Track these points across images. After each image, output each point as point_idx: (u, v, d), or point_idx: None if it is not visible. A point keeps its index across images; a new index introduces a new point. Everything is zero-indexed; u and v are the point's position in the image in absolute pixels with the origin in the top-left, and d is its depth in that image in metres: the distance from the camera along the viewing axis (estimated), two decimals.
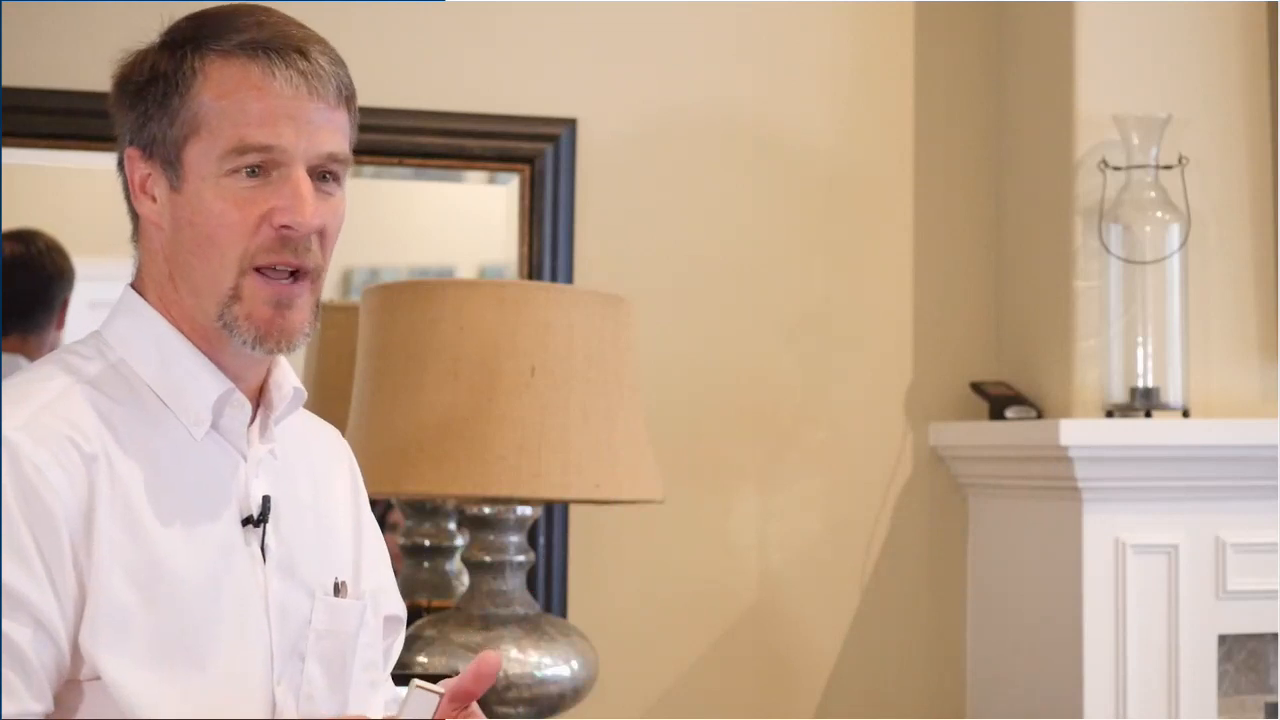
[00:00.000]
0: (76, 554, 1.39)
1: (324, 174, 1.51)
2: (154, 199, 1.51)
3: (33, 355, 2.94)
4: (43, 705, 1.38)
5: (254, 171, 1.47)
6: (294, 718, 1.51)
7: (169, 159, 1.49)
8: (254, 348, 1.49)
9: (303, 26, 1.53)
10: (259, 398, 1.56)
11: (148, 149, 1.50)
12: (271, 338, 1.49)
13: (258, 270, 1.48)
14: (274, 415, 1.57)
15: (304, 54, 1.49)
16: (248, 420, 1.54)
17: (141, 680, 1.41)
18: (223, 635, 1.46)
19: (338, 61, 1.52)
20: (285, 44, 1.49)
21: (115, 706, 1.40)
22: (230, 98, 1.47)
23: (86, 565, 1.39)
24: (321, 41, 1.52)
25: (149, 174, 1.51)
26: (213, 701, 1.45)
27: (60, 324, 3.00)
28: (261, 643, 1.50)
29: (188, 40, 1.50)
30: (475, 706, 1.50)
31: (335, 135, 1.51)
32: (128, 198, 1.55)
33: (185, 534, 1.46)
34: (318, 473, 1.66)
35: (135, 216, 1.55)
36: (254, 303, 1.48)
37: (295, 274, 1.50)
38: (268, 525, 1.53)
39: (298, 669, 1.53)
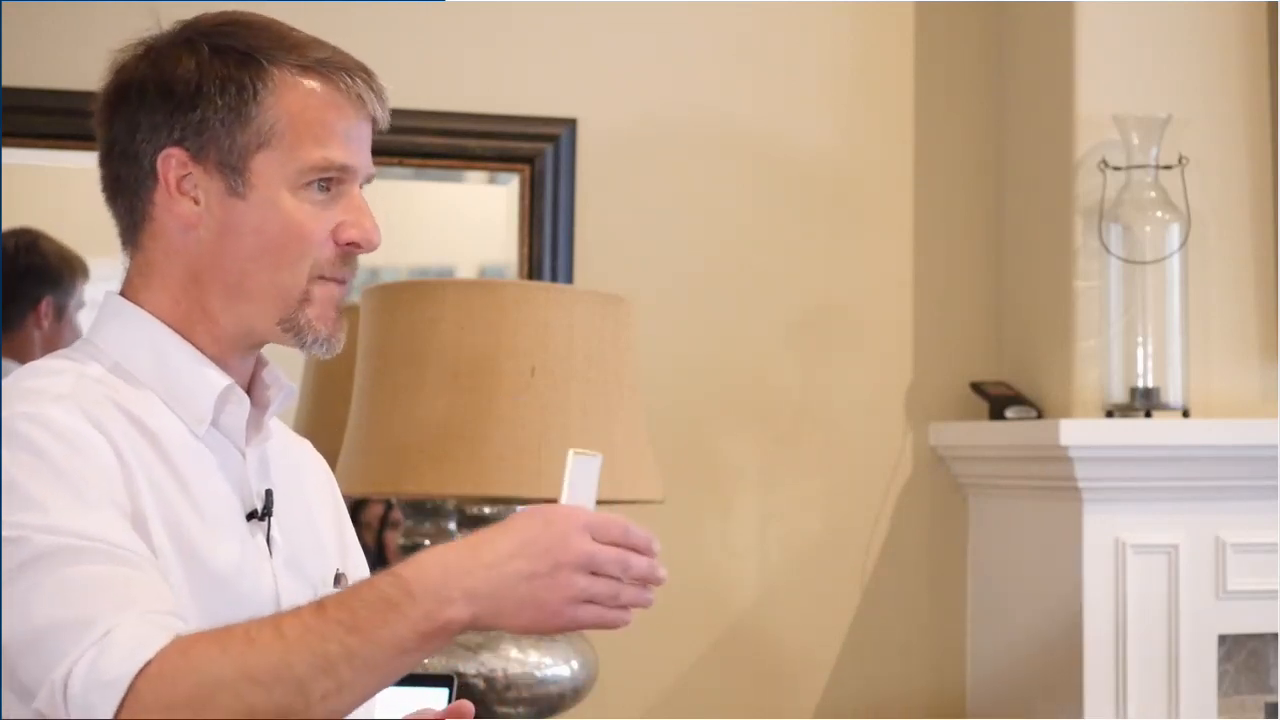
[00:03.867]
0: (134, 503, 1.39)
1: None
2: (195, 200, 1.51)
3: (17, 356, 2.90)
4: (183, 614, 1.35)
5: (324, 187, 1.51)
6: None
7: (231, 165, 1.49)
8: (320, 346, 1.54)
9: None
10: (250, 395, 1.57)
11: (200, 151, 1.50)
12: (335, 338, 1.55)
13: (321, 278, 1.52)
14: (268, 412, 1.58)
15: (370, 76, 1.54)
16: (246, 416, 1.54)
17: None
18: None
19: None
20: (357, 66, 1.53)
21: None
22: (312, 114, 1.50)
23: (142, 527, 1.39)
24: None
25: (188, 174, 1.50)
26: None
27: (39, 324, 2.96)
28: None
29: (256, 50, 1.50)
30: None
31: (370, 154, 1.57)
32: (129, 195, 1.55)
33: (206, 529, 1.46)
34: (299, 471, 1.67)
35: (137, 215, 1.55)
36: (323, 306, 1.53)
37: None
38: (271, 519, 1.54)
39: None
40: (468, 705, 1.57)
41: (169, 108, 1.51)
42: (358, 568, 1.70)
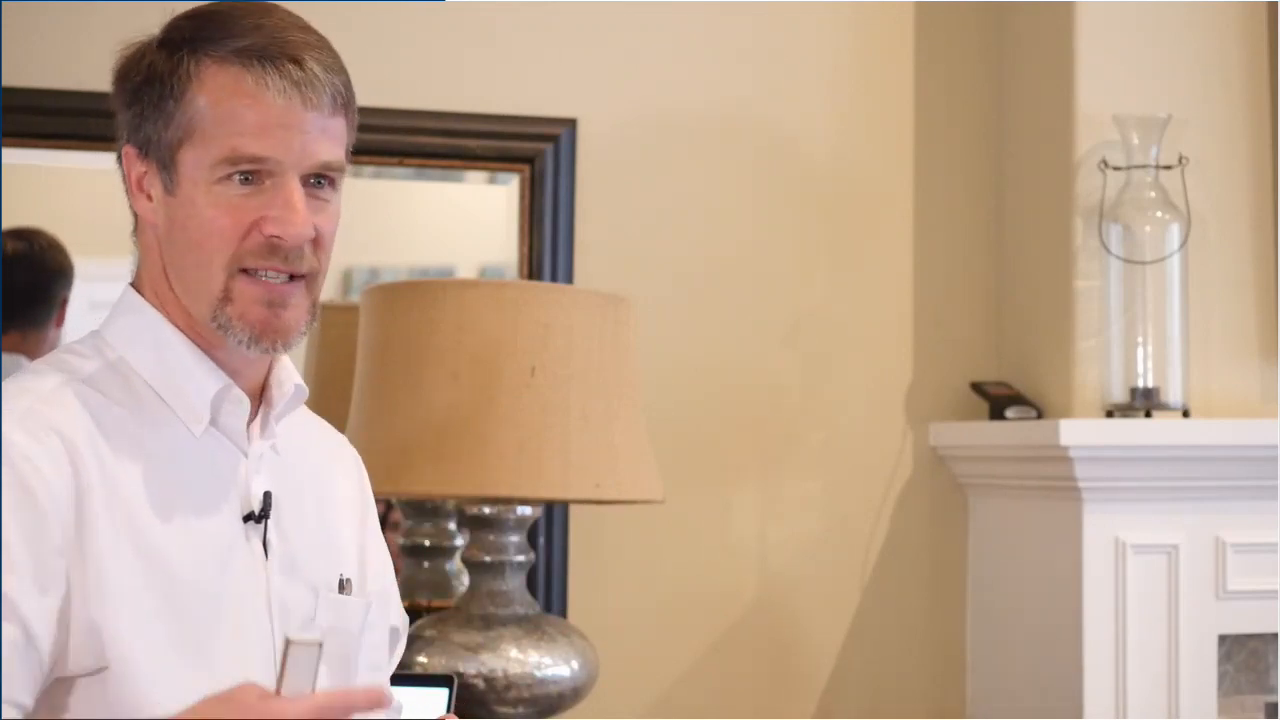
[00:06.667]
0: (67, 548, 1.38)
1: (319, 179, 1.51)
2: (150, 197, 1.51)
3: (32, 353, 2.94)
4: (26, 701, 1.36)
5: (247, 179, 1.47)
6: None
7: (164, 161, 1.49)
8: (249, 347, 1.49)
9: (304, 29, 1.52)
10: (260, 394, 1.56)
11: (144, 148, 1.50)
12: (266, 337, 1.49)
13: (245, 272, 1.48)
14: (274, 412, 1.57)
15: (298, 62, 1.48)
16: (247, 416, 1.54)
17: (152, 672, 1.40)
18: (223, 632, 1.46)
19: (334, 68, 1.51)
20: (280, 51, 1.48)
21: (108, 703, 1.39)
22: (224, 105, 1.46)
23: (79, 559, 1.38)
24: (320, 46, 1.51)
25: (145, 172, 1.51)
26: None
27: (60, 322, 3.00)
28: (264, 639, 1.50)
29: (185, 42, 1.49)
30: None
31: (329, 143, 1.50)
32: (125, 193, 1.56)
33: (184, 531, 1.46)
34: (320, 472, 1.66)
35: (131, 213, 1.56)
36: (245, 303, 1.48)
37: (290, 276, 1.50)
38: (269, 521, 1.53)
39: None
40: None
41: (122, 105, 1.52)
42: (379, 572, 1.69)
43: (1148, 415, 3.00)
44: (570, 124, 3.14)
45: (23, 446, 1.39)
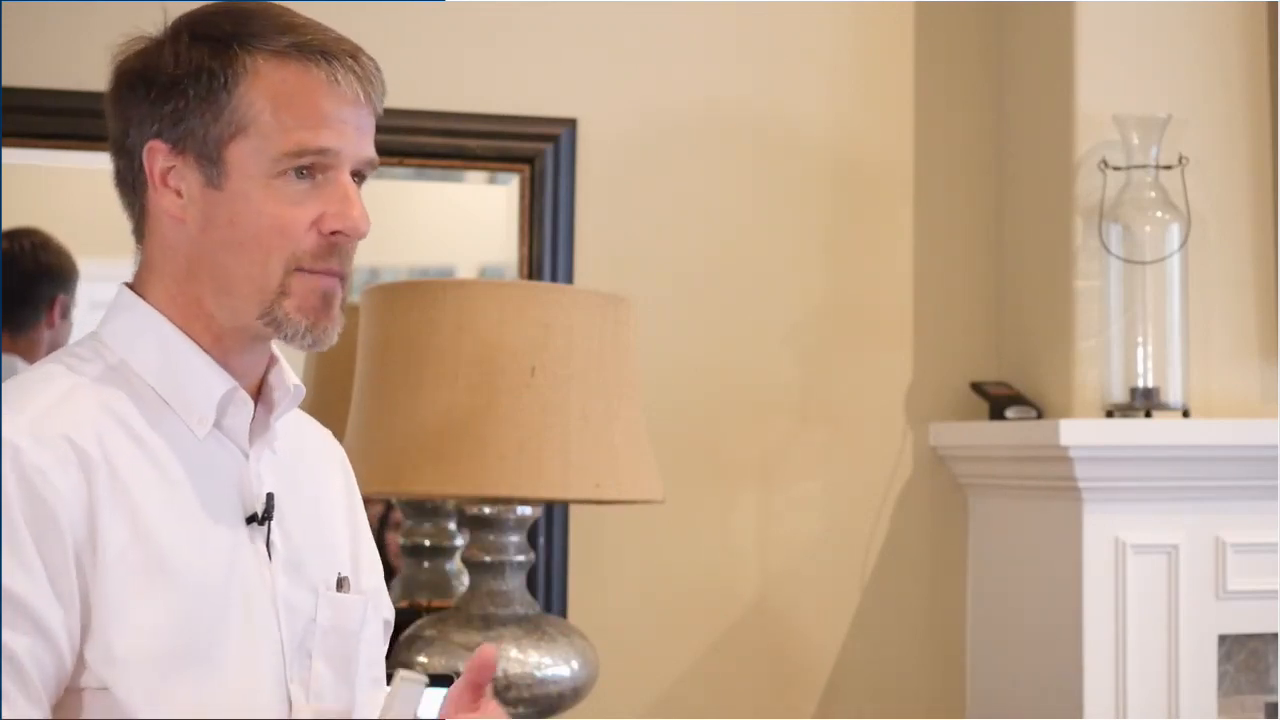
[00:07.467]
0: (80, 558, 1.38)
1: (357, 177, 1.52)
2: (179, 194, 1.49)
3: (25, 354, 2.92)
4: (39, 714, 1.37)
5: (302, 173, 1.47)
6: (306, 717, 1.52)
7: (208, 155, 1.47)
8: (303, 339, 1.49)
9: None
10: (258, 395, 1.56)
11: (179, 143, 1.48)
12: (319, 329, 1.50)
13: (299, 270, 1.48)
14: (274, 413, 1.56)
15: (356, 59, 1.50)
16: (250, 418, 1.53)
17: (152, 683, 1.40)
18: (233, 635, 1.46)
19: (379, 67, 1.53)
20: (340, 48, 1.49)
21: (119, 712, 1.40)
22: (289, 99, 1.46)
23: (91, 569, 1.38)
24: (358, 46, 1.53)
25: (173, 167, 1.48)
26: (228, 701, 1.44)
27: (51, 323, 2.97)
28: (272, 641, 1.50)
29: (232, 37, 1.48)
30: (492, 703, 1.54)
31: (372, 139, 1.52)
32: (129, 190, 1.54)
33: (192, 534, 1.45)
34: (315, 471, 1.66)
35: (138, 210, 1.54)
36: (304, 295, 1.48)
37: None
38: (272, 522, 1.53)
39: (307, 666, 1.53)
40: (489, 651, 1.52)
41: (150, 100, 1.49)
42: (370, 567, 1.70)
43: (1148, 415, 3.00)
44: (570, 124, 3.14)
45: (37, 460, 1.38)
